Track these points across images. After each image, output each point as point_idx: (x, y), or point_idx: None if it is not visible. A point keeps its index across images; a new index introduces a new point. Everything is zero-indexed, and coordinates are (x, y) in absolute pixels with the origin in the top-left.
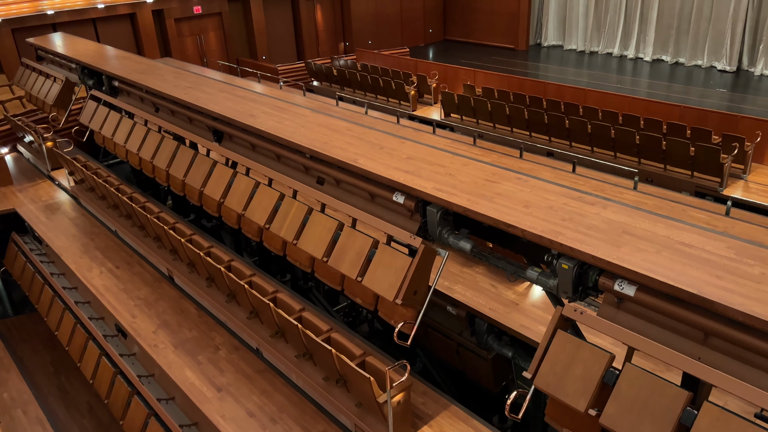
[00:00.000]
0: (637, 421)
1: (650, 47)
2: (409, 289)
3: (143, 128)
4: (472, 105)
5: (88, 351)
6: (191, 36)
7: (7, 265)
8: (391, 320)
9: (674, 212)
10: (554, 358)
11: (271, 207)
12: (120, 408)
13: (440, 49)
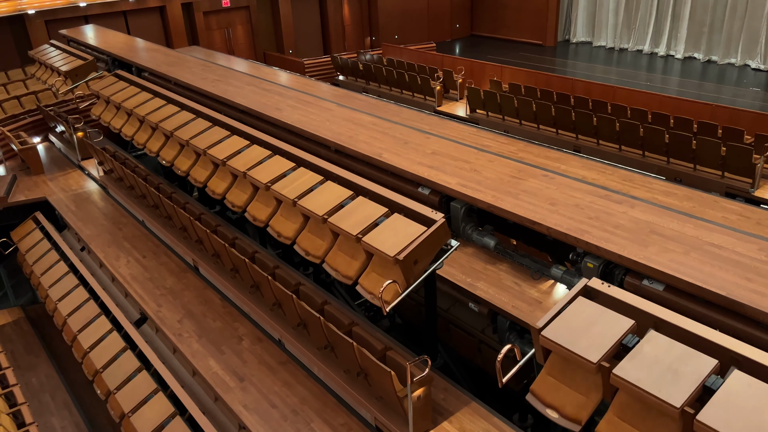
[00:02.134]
0: (657, 377)
1: (682, 44)
2: (413, 254)
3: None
4: (498, 101)
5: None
6: (219, 29)
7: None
8: (373, 297)
9: (704, 212)
10: (570, 317)
11: (280, 172)
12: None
13: (467, 44)
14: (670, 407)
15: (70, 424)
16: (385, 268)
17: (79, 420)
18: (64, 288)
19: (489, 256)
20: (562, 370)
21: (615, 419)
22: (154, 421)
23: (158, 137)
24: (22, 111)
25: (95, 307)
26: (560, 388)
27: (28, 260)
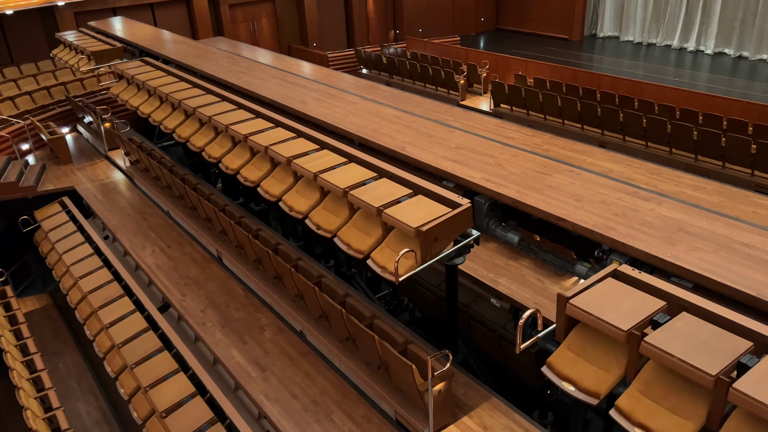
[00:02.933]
0: (691, 349)
1: (712, 40)
2: (434, 230)
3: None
4: (522, 96)
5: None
6: (244, 22)
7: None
8: (384, 271)
9: (735, 208)
10: (599, 292)
11: (303, 151)
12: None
13: (492, 38)
14: (705, 375)
15: (95, 410)
16: (401, 245)
17: (104, 406)
18: (86, 267)
19: (511, 252)
20: (582, 345)
21: (637, 394)
22: (172, 398)
23: (178, 116)
24: (51, 101)
25: (119, 288)
26: (579, 363)
27: (50, 238)
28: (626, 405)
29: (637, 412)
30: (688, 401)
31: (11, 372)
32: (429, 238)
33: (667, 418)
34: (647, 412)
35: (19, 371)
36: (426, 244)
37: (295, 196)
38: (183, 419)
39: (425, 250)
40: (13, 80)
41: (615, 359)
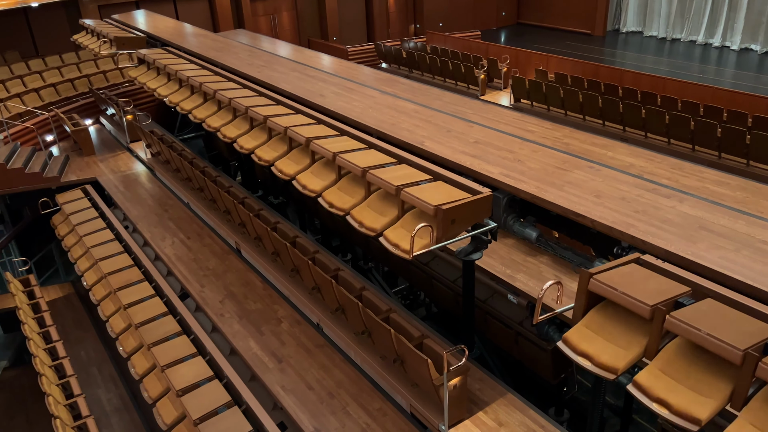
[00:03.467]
0: (718, 325)
1: (738, 35)
2: (453, 212)
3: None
4: (543, 91)
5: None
6: (265, 15)
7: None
8: (397, 249)
9: (759, 204)
10: (624, 273)
11: (322, 134)
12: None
13: (513, 32)
14: (733, 350)
15: (115, 397)
16: (417, 226)
17: (124, 393)
18: (106, 251)
19: (529, 248)
20: (601, 324)
21: (657, 372)
22: (189, 379)
23: (196, 99)
24: (75, 93)
25: (138, 273)
26: (597, 340)
27: (71, 221)
28: (645, 380)
29: (656, 387)
30: (712, 380)
31: (34, 359)
32: (447, 218)
33: (688, 395)
34: (667, 388)
35: (42, 358)
36: (444, 223)
37: (309, 176)
38: (199, 399)
39: (442, 231)
40: (38, 72)
41: (635, 338)
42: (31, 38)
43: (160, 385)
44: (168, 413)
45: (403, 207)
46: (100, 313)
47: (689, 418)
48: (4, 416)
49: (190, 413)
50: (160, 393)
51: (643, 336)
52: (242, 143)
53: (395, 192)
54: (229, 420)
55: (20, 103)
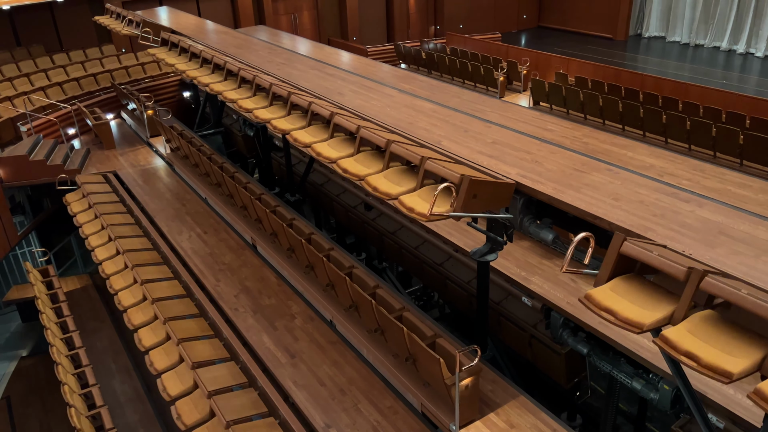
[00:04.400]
0: (754, 293)
1: (763, 42)
2: (476, 186)
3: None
4: (563, 94)
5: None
6: (286, 14)
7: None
8: (412, 212)
9: None
10: (655, 247)
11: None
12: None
13: (533, 35)
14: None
15: (129, 388)
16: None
17: (138, 385)
18: (125, 231)
19: (545, 251)
20: (627, 290)
21: (684, 331)
22: (204, 355)
23: (217, 76)
24: (97, 88)
25: (157, 256)
26: (621, 301)
27: (91, 200)
28: (673, 335)
29: (684, 342)
30: (744, 344)
31: (51, 348)
32: (471, 189)
33: (717, 353)
34: (696, 345)
35: (58, 347)
36: (466, 194)
37: (326, 146)
38: (214, 375)
39: (463, 200)
40: (62, 66)
41: (662, 304)
42: (55, 33)
43: (181, 383)
44: (189, 413)
45: (422, 181)
46: (109, 286)
47: (719, 371)
48: (21, 404)
49: (222, 414)
50: (182, 392)
51: (670, 303)
52: (258, 114)
53: (420, 161)
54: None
55: (44, 96)
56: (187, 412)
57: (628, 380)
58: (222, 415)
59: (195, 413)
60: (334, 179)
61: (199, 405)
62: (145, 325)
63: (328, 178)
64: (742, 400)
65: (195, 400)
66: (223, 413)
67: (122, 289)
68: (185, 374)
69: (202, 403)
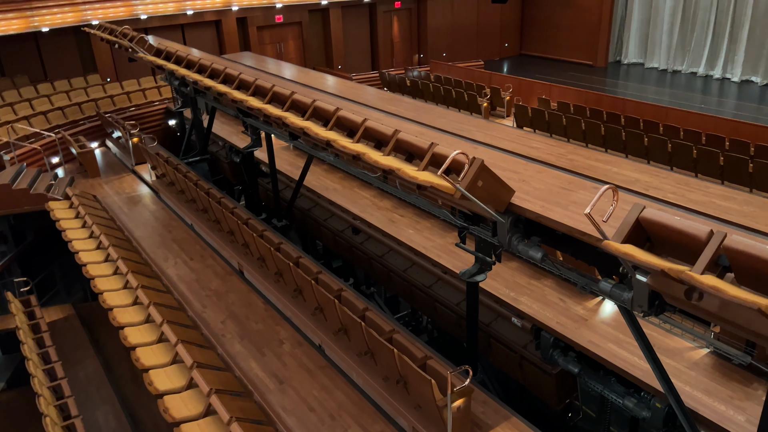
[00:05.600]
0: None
1: (739, 67)
2: (482, 173)
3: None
4: (546, 119)
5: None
6: (272, 43)
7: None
8: (415, 179)
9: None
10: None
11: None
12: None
13: (516, 63)
14: None
15: (113, 419)
16: (437, 180)
17: (122, 415)
18: (118, 242)
19: (533, 272)
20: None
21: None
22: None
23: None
24: (82, 117)
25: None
26: (639, 251)
27: (81, 211)
28: (695, 275)
29: (706, 279)
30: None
31: (32, 379)
32: (479, 172)
33: (741, 290)
34: (718, 283)
35: (40, 379)
36: (474, 175)
37: (325, 131)
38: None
39: (469, 180)
40: (46, 96)
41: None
42: (40, 63)
43: (186, 408)
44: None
45: (427, 166)
46: (111, 320)
47: (748, 300)
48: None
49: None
50: (186, 417)
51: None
52: (254, 104)
53: (427, 147)
54: None
55: (27, 125)
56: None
57: (619, 399)
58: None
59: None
60: (321, 204)
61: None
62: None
63: (315, 203)
64: (734, 416)
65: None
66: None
67: (119, 306)
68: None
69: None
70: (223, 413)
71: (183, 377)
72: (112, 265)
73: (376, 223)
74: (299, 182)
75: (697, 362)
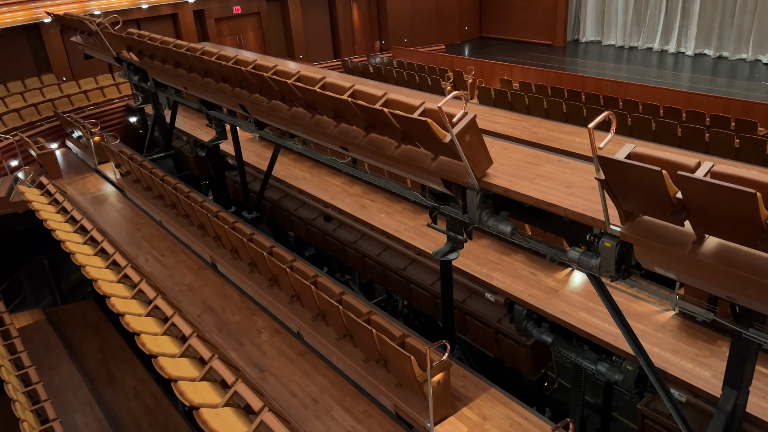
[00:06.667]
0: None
1: (692, 41)
2: (472, 126)
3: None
4: (509, 99)
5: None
6: (231, 35)
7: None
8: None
9: None
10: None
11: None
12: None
13: (476, 46)
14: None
15: (92, 421)
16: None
17: (101, 417)
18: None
19: (504, 247)
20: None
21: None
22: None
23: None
24: (39, 118)
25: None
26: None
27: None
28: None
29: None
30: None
31: (6, 385)
32: (467, 126)
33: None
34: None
35: (14, 384)
36: (463, 128)
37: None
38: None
39: (460, 130)
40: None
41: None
42: None
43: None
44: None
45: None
46: (110, 306)
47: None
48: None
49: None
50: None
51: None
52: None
53: (417, 105)
54: None
55: None
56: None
57: (592, 365)
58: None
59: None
60: (291, 193)
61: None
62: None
63: (285, 193)
64: (701, 372)
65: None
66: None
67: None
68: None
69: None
70: (255, 401)
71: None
72: (105, 255)
73: (348, 210)
74: (267, 173)
75: (665, 324)
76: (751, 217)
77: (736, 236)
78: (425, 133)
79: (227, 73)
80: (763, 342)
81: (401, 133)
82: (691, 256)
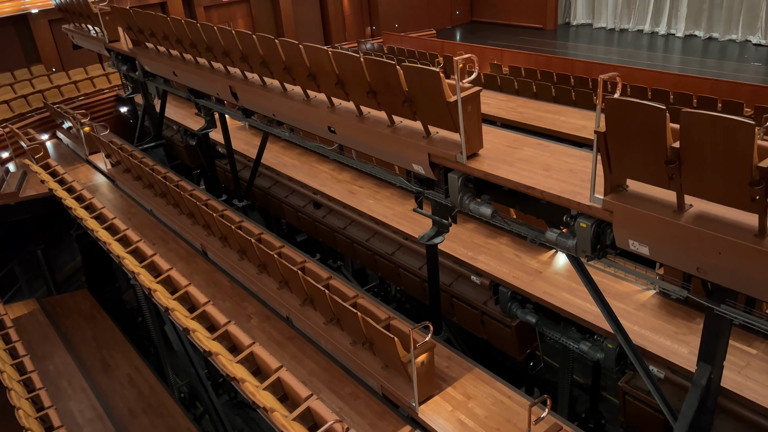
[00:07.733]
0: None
1: (682, 23)
2: (473, 98)
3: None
4: (498, 83)
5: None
6: (220, 23)
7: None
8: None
9: None
10: None
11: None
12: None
13: (467, 30)
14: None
15: (87, 408)
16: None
17: (96, 404)
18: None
19: (489, 231)
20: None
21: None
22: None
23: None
24: (29, 109)
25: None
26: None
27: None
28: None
29: None
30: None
31: (1, 374)
32: (472, 97)
33: None
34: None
35: (9, 373)
36: (464, 102)
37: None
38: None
39: (467, 103)
40: None
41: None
42: None
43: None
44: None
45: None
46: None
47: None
48: None
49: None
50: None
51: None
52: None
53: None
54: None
55: None
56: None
57: (575, 344)
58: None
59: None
60: (281, 181)
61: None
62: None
63: (275, 181)
64: (679, 349)
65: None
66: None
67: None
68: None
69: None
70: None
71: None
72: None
73: (337, 196)
74: (257, 161)
75: (645, 303)
76: (744, 155)
77: (724, 188)
78: (432, 89)
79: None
80: (734, 318)
81: (404, 96)
82: (671, 221)
